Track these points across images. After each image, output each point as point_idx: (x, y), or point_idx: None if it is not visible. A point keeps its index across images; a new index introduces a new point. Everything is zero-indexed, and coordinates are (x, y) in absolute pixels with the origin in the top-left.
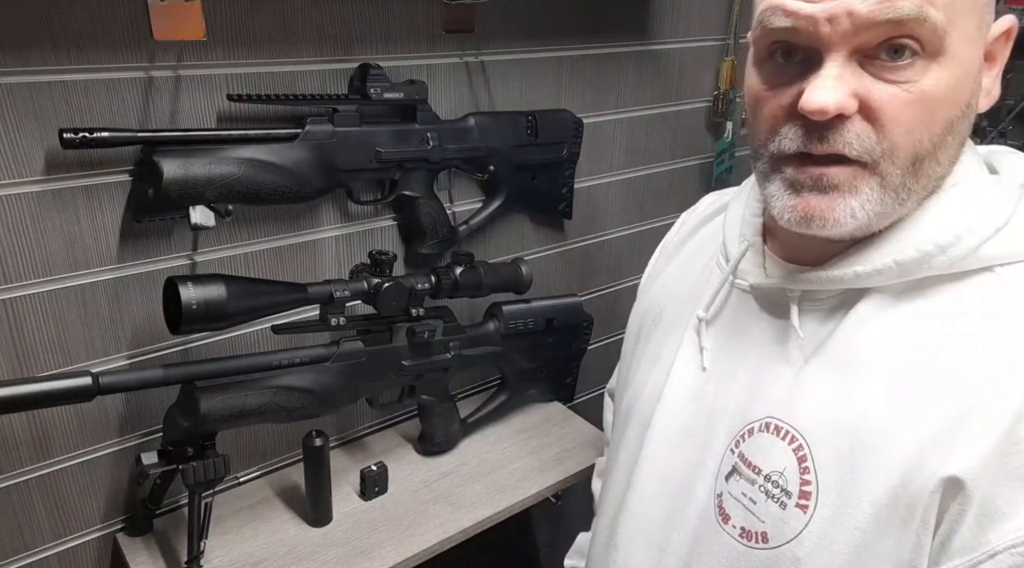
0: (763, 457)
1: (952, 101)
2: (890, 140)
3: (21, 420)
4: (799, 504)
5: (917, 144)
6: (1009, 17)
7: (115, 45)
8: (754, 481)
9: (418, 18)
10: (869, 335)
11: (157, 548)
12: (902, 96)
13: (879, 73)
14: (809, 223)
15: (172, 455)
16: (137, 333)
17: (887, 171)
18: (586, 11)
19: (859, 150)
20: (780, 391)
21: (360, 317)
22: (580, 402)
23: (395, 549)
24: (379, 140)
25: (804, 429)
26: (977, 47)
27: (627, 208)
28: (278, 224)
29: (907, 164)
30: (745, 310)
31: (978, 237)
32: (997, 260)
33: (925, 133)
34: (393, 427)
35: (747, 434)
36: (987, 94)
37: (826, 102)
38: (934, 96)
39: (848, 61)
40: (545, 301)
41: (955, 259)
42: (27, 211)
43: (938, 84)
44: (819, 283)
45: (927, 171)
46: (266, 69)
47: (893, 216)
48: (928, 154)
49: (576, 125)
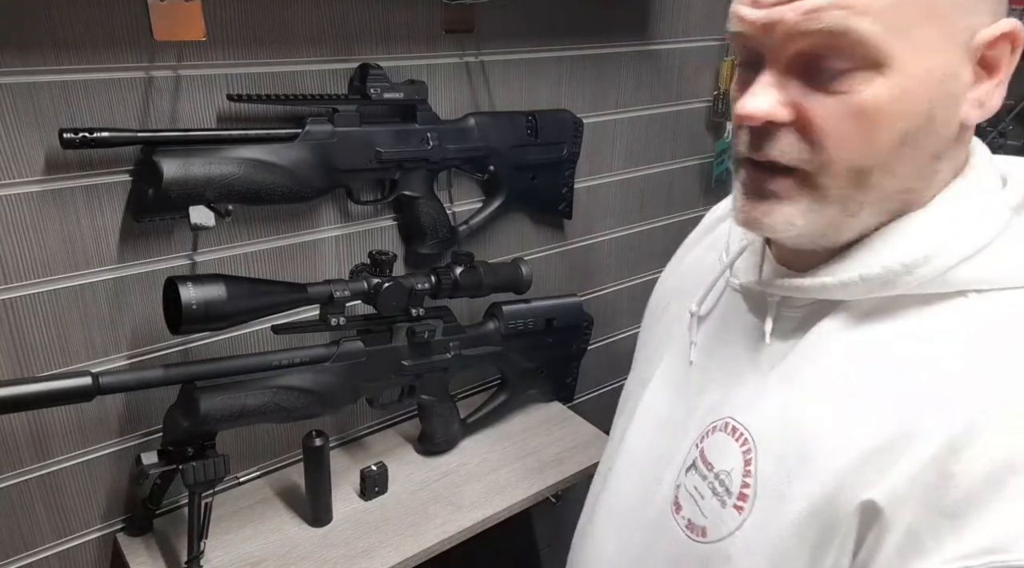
0: (718, 455)
1: (899, 113)
2: (825, 153)
3: (21, 420)
4: (736, 505)
5: (858, 158)
6: (1007, 21)
7: (115, 45)
8: (705, 477)
9: (418, 18)
10: (828, 350)
11: (157, 548)
12: (837, 108)
13: (818, 84)
14: (750, 225)
15: (172, 455)
16: (137, 333)
17: (824, 184)
18: (586, 11)
19: (790, 159)
20: (745, 393)
21: (360, 317)
22: (580, 402)
23: (395, 549)
24: (379, 140)
25: (756, 433)
26: (944, 57)
27: (627, 208)
28: (278, 224)
29: (847, 177)
30: (734, 309)
31: (948, 259)
32: (970, 285)
33: (865, 146)
34: (393, 427)
35: (711, 431)
36: (979, 105)
37: (755, 109)
38: (873, 108)
39: (788, 70)
40: (545, 301)
41: (923, 280)
42: (27, 211)
43: (879, 96)
44: (792, 290)
45: (878, 184)
46: (266, 69)
47: (852, 228)
48: (876, 167)
49: (576, 125)
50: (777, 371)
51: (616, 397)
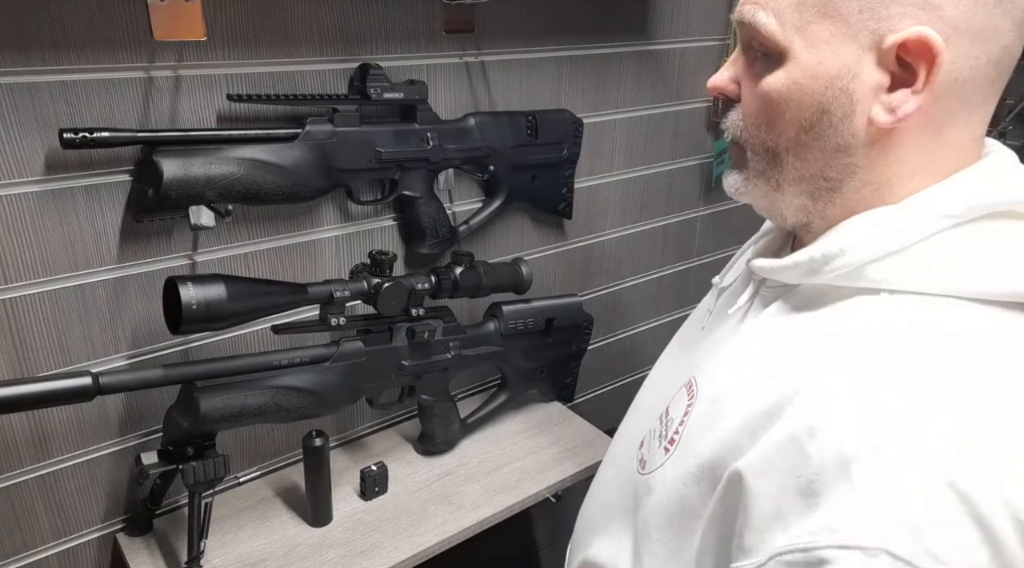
0: (674, 406)
1: (792, 102)
2: (745, 128)
3: (21, 420)
4: (665, 446)
5: (764, 137)
6: (915, 28)
7: (115, 45)
8: (661, 421)
9: (418, 18)
10: (765, 327)
11: (157, 548)
12: (751, 90)
13: (753, 69)
14: (724, 188)
15: (172, 455)
16: (137, 333)
17: (751, 157)
18: (586, 11)
19: (729, 131)
20: (711, 356)
21: (360, 317)
22: (580, 402)
23: (395, 549)
24: (379, 140)
25: (700, 390)
26: (839, 54)
27: (627, 208)
28: (278, 224)
29: (763, 153)
30: (740, 286)
31: (861, 255)
32: (883, 284)
33: (767, 126)
34: (393, 427)
35: (681, 386)
36: (889, 109)
37: (712, 81)
38: (767, 93)
39: (746, 54)
40: (545, 301)
41: (839, 271)
42: (27, 211)
43: (773, 83)
44: (756, 270)
45: (788, 164)
46: (266, 69)
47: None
48: (782, 149)
49: (576, 125)
50: (733, 341)
51: (616, 397)
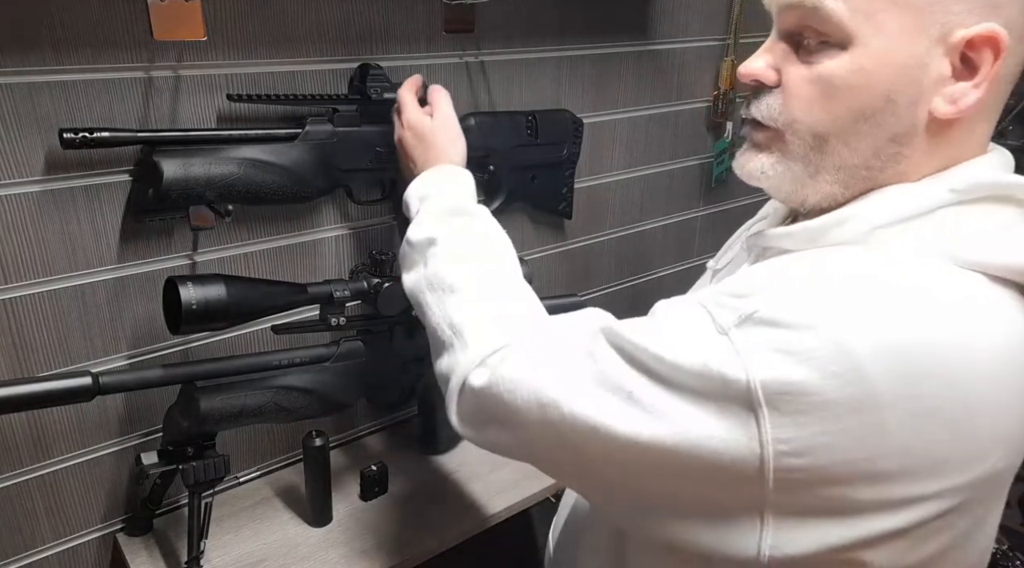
0: None
1: (855, 88)
2: (790, 112)
3: (21, 420)
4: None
5: (817, 122)
6: (985, 25)
7: (115, 45)
8: None
9: (418, 18)
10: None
11: (157, 548)
12: (804, 74)
13: (799, 54)
14: (738, 169)
15: (172, 455)
16: (137, 333)
17: (790, 141)
18: (586, 11)
19: (763, 117)
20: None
21: (360, 317)
22: None
23: (395, 549)
24: (379, 140)
25: None
26: (910, 44)
27: (627, 208)
28: (278, 224)
29: (808, 138)
30: (739, 262)
31: (872, 220)
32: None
33: (824, 113)
34: (393, 427)
35: None
36: (952, 101)
37: (745, 68)
38: (829, 79)
39: (783, 40)
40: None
41: (849, 233)
42: (27, 211)
43: (837, 68)
44: (765, 240)
45: (835, 151)
46: (266, 69)
47: (818, 188)
48: (832, 134)
49: (576, 125)
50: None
51: None
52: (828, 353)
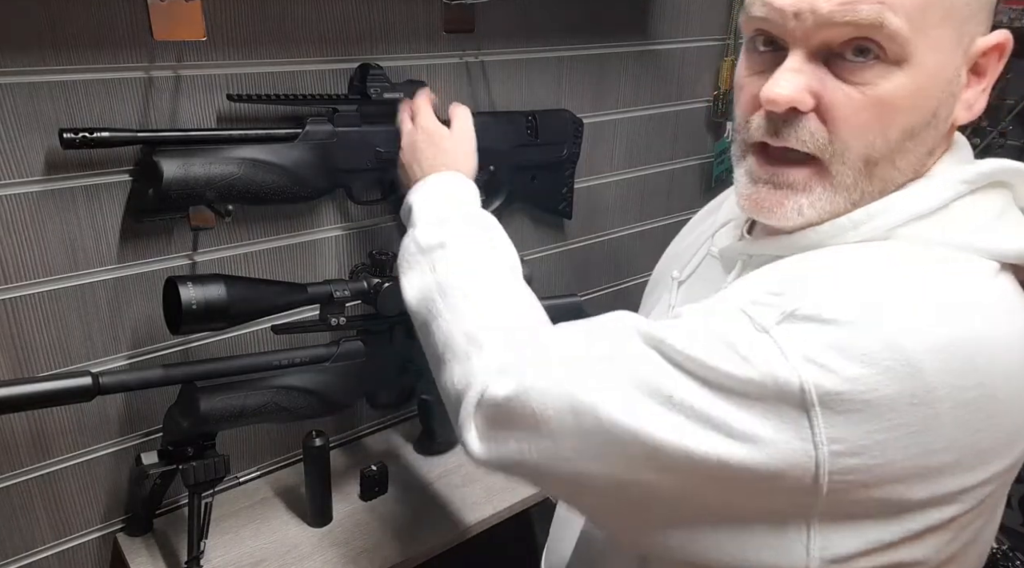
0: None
1: (913, 108)
2: (841, 140)
3: (21, 420)
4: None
5: (869, 146)
6: (1001, 32)
7: (115, 45)
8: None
9: (418, 18)
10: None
11: (157, 548)
12: (857, 98)
13: (841, 73)
14: (759, 213)
15: (172, 455)
16: (137, 333)
17: (839, 171)
18: (586, 11)
19: (811, 147)
20: None
21: (360, 317)
22: None
23: (395, 549)
24: (379, 140)
25: None
26: (952, 58)
27: (627, 208)
28: (278, 224)
29: (859, 165)
30: (711, 273)
31: (890, 219)
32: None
33: (879, 137)
34: (393, 427)
35: None
36: (968, 107)
37: (779, 94)
38: (890, 101)
39: (812, 58)
40: (545, 301)
41: (865, 235)
42: (27, 211)
43: (897, 90)
44: (757, 248)
45: (882, 174)
46: (266, 69)
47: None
48: (882, 158)
49: (576, 125)
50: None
51: None
52: (879, 348)
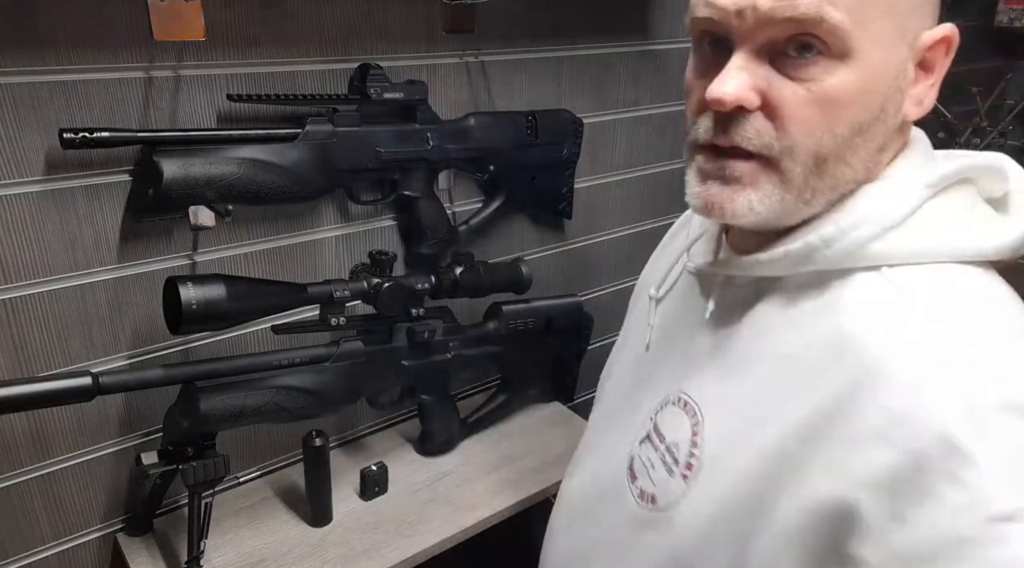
0: (670, 428)
1: (859, 103)
2: (789, 137)
3: (21, 420)
4: (683, 474)
5: (817, 143)
6: (946, 26)
7: (115, 45)
8: (657, 448)
9: (418, 18)
10: (763, 327)
11: (157, 548)
12: (803, 94)
13: (785, 70)
14: (710, 211)
15: (172, 455)
16: (137, 333)
17: (788, 168)
18: (586, 11)
19: (757, 145)
20: (694, 370)
21: (360, 317)
22: (580, 402)
23: (395, 549)
24: (379, 140)
25: (703, 406)
26: (897, 52)
27: (627, 208)
28: (278, 224)
29: (808, 162)
30: (688, 292)
31: (863, 234)
32: (885, 260)
33: (826, 133)
34: (393, 427)
35: (664, 405)
36: (918, 102)
37: (725, 93)
38: (836, 97)
39: (756, 56)
40: (545, 301)
41: (840, 253)
42: (27, 211)
43: (841, 85)
44: (732, 267)
45: (832, 171)
46: (266, 69)
47: (801, 213)
48: (831, 154)
49: (576, 125)
50: (721, 348)
51: None
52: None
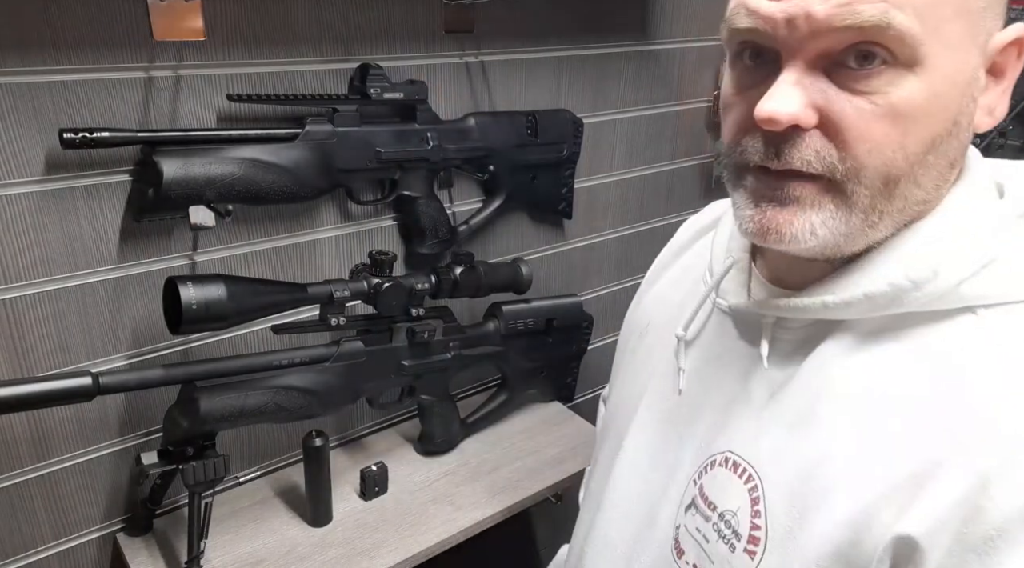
0: (719, 493)
1: (931, 116)
2: (854, 158)
3: (21, 420)
4: (747, 549)
5: (888, 163)
6: (1019, 25)
7: (115, 45)
8: (708, 518)
9: (418, 18)
10: (834, 375)
11: (157, 548)
12: (869, 109)
13: (845, 83)
14: (766, 236)
15: (172, 455)
16: (137, 333)
17: (853, 191)
18: (586, 11)
19: (819, 168)
20: (744, 425)
21: (360, 317)
22: (580, 402)
23: (395, 549)
24: (379, 140)
25: (761, 469)
26: (968, 57)
27: (627, 208)
28: (278, 224)
29: (877, 185)
30: (723, 333)
31: (958, 274)
32: (980, 300)
33: (898, 151)
34: (393, 427)
35: (709, 466)
36: (989, 112)
37: (777, 111)
38: (906, 111)
39: (810, 68)
40: (545, 301)
41: (931, 296)
42: (27, 211)
43: (912, 97)
44: (790, 311)
45: (903, 193)
46: (266, 69)
47: (866, 239)
48: (904, 175)
49: (576, 125)
50: (778, 399)
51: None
52: None
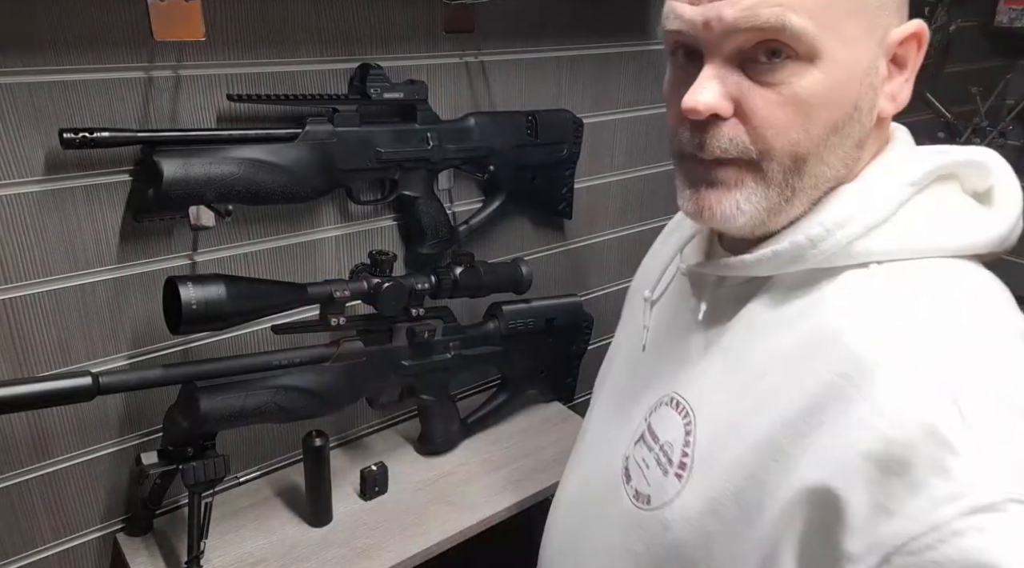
0: (663, 428)
1: (831, 102)
2: (764, 141)
3: (21, 420)
4: (676, 473)
5: (795, 144)
6: (915, 22)
7: (115, 45)
8: (652, 449)
9: (418, 18)
10: (755, 326)
11: (157, 548)
12: (774, 98)
13: (756, 75)
14: (701, 215)
15: (172, 455)
16: (137, 333)
17: (768, 168)
18: (586, 11)
19: (735, 153)
20: (688, 370)
21: (360, 317)
22: (580, 402)
23: (395, 549)
24: (379, 140)
25: (695, 406)
26: (866, 50)
27: (627, 208)
28: (278, 224)
29: (787, 162)
30: (681, 292)
31: (850, 232)
32: (872, 257)
33: (801, 134)
34: (393, 427)
35: (657, 406)
36: (892, 98)
37: (698, 101)
38: (808, 98)
39: (727, 64)
40: (545, 301)
41: (827, 252)
42: (27, 211)
43: (812, 86)
44: (721, 269)
45: (812, 171)
46: (266, 69)
47: (786, 213)
48: (810, 154)
49: (576, 125)
50: (714, 347)
51: None
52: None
